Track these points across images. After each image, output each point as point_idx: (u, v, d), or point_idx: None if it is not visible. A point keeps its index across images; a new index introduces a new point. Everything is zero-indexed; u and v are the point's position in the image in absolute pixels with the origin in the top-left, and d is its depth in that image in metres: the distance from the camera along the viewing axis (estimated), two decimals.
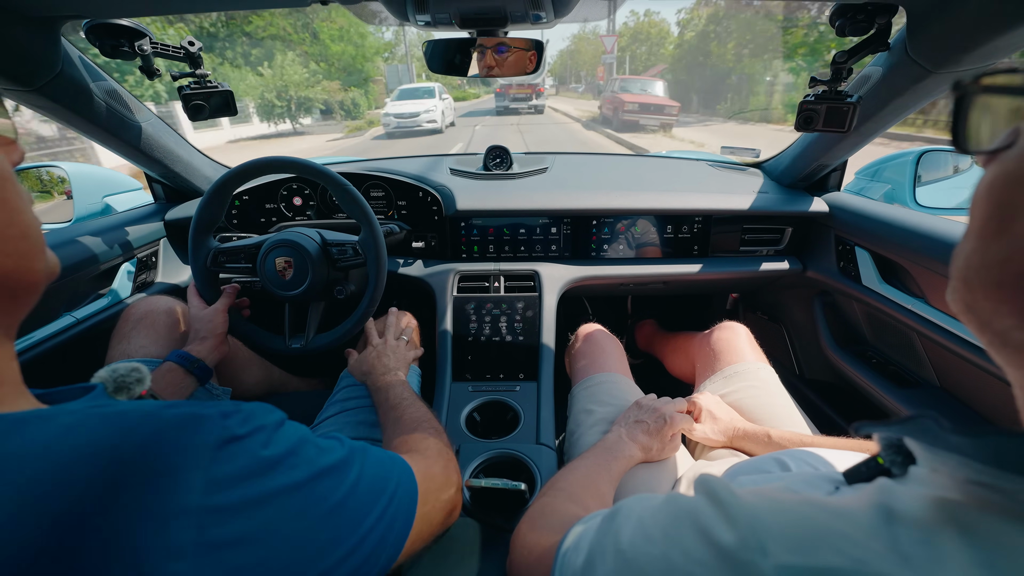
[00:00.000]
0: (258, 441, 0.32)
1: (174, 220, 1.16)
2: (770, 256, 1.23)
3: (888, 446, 0.30)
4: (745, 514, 0.25)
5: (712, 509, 0.27)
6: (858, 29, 0.74)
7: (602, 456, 0.68)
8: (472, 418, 0.89)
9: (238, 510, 0.29)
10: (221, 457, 0.29)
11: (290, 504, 0.32)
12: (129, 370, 0.50)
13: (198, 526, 0.27)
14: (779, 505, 0.25)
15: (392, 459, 0.47)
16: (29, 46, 0.72)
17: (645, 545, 0.29)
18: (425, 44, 0.83)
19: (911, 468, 0.29)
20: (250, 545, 0.29)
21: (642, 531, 0.30)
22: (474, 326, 1.05)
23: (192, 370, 0.80)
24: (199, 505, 0.27)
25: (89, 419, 0.28)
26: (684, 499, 0.30)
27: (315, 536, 0.33)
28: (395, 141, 11.91)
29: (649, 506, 0.32)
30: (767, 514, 0.25)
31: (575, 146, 9.58)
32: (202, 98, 0.87)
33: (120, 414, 0.29)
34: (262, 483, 0.31)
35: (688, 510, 0.29)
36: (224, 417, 0.31)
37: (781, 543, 0.23)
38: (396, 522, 0.42)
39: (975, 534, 0.20)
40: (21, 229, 0.31)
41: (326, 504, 0.35)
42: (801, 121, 0.85)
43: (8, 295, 0.31)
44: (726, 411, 0.81)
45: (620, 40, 47.33)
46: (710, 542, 0.25)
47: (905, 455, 0.29)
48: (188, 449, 0.29)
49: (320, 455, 0.36)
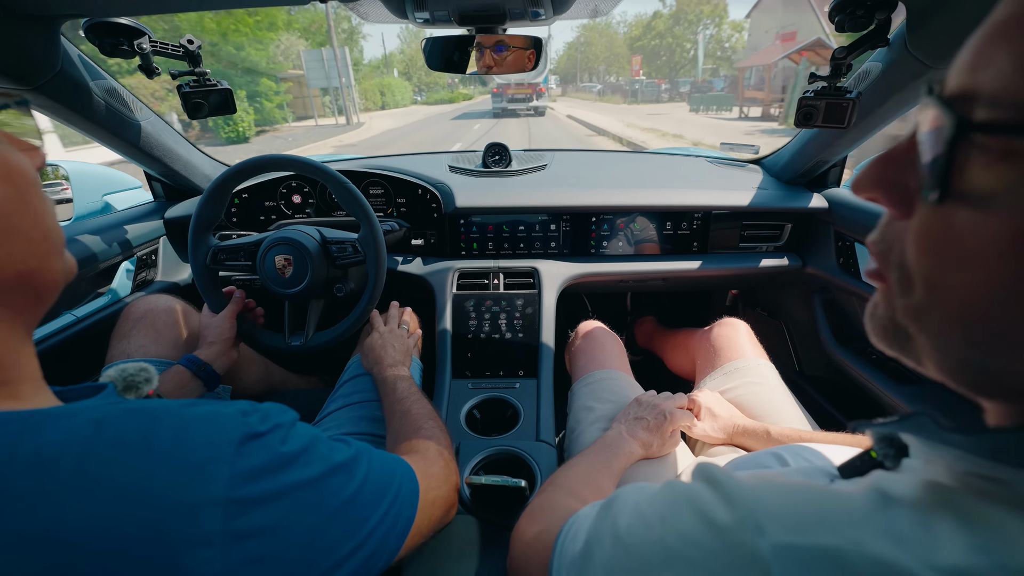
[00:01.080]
0: (277, 438, 0.34)
1: (174, 218, 1.17)
2: (770, 252, 1.23)
3: (881, 439, 0.30)
4: (743, 495, 0.25)
5: (710, 492, 0.27)
6: (857, 25, 0.74)
7: (603, 453, 0.68)
8: (472, 415, 0.90)
9: (260, 502, 0.31)
10: (244, 452, 0.31)
11: (306, 498, 0.34)
12: (138, 370, 0.51)
13: (224, 516, 0.29)
14: (777, 487, 0.25)
15: (395, 460, 0.49)
16: (28, 45, 0.72)
17: (643, 530, 0.29)
18: (424, 42, 0.83)
19: (904, 460, 0.29)
20: (270, 536, 0.31)
21: (639, 516, 0.30)
22: (474, 323, 1.05)
23: (199, 374, 0.80)
24: (225, 496, 0.29)
25: (116, 415, 0.29)
26: (682, 484, 0.30)
27: (328, 529, 0.35)
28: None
29: (646, 493, 0.32)
30: (764, 495, 0.25)
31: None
32: (201, 96, 0.87)
33: (145, 410, 0.30)
34: (281, 477, 0.33)
35: (686, 494, 0.28)
36: (244, 415, 0.33)
37: (778, 523, 0.23)
38: (399, 519, 0.44)
39: (971, 519, 0.20)
40: (44, 231, 0.33)
41: (338, 499, 0.37)
42: (801, 117, 0.85)
43: (32, 294, 0.33)
44: (726, 408, 0.81)
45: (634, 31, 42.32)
46: (707, 522, 0.25)
47: (898, 448, 0.29)
48: (213, 444, 0.30)
49: (332, 452, 0.38)
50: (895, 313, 0.25)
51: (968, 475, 0.23)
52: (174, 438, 0.29)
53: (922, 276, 0.22)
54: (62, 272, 0.35)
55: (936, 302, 0.22)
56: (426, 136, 12.28)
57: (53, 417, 0.28)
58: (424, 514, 0.49)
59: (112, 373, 0.50)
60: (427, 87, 52.71)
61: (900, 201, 0.24)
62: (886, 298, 0.26)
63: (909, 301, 0.23)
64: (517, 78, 14.31)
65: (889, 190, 0.24)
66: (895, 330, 0.25)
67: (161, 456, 0.28)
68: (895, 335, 0.26)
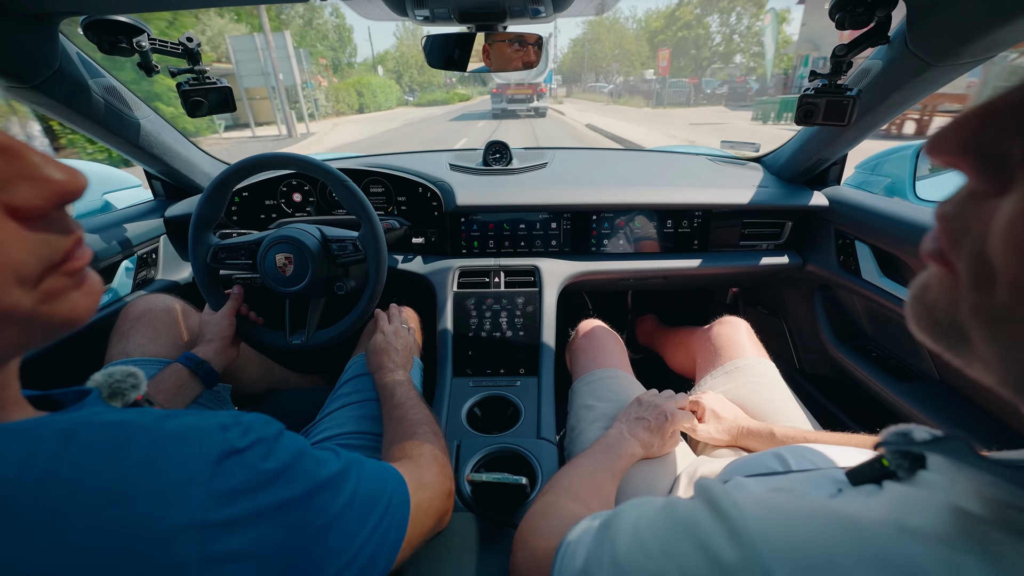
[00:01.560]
0: (258, 453, 0.32)
1: (174, 217, 1.16)
2: (770, 250, 1.23)
3: (895, 451, 0.28)
4: (748, 529, 0.24)
5: (713, 521, 0.26)
6: (858, 22, 0.74)
7: (604, 454, 0.68)
8: (473, 413, 0.90)
9: (239, 524, 0.29)
10: (221, 471, 0.29)
11: (290, 518, 0.32)
12: (125, 375, 0.49)
13: (200, 541, 0.27)
14: (784, 518, 0.24)
15: (386, 469, 0.47)
16: (27, 43, 0.72)
17: (642, 559, 0.27)
18: (424, 39, 0.83)
19: (921, 473, 0.27)
20: (250, 560, 0.29)
21: (638, 543, 0.29)
22: (474, 321, 1.05)
23: (197, 372, 0.80)
24: (200, 520, 0.27)
25: (86, 430, 0.27)
26: (682, 506, 0.29)
27: (314, 549, 0.33)
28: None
29: (646, 513, 0.31)
30: (772, 530, 0.23)
31: None
32: (201, 94, 0.87)
33: (118, 424, 0.28)
34: (262, 497, 0.31)
35: (687, 520, 0.27)
36: (224, 430, 0.31)
37: (786, 565, 0.21)
38: (390, 533, 0.42)
39: (1002, 560, 0.18)
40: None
41: (324, 517, 0.35)
42: (801, 115, 0.85)
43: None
44: (730, 409, 0.81)
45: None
46: (710, 559, 0.24)
47: (912, 460, 0.28)
48: (189, 463, 0.28)
49: (318, 467, 0.36)
50: (958, 308, 0.20)
51: (1001, 504, 0.20)
52: (147, 458, 0.27)
53: (1010, 275, 0.18)
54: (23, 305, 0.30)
55: (1018, 308, 0.18)
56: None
57: (17, 432, 0.26)
58: (416, 525, 0.47)
59: (98, 378, 0.48)
60: (421, 87, 50.87)
61: (994, 173, 0.19)
62: (948, 288, 0.21)
63: (983, 301, 0.19)
64: (518, 77, 14.24)
65: (982, 158, 0.19)
66: (951, 328, 0.21)
67: (132, 479, 0.26)
68: (949, 332, 0.21)
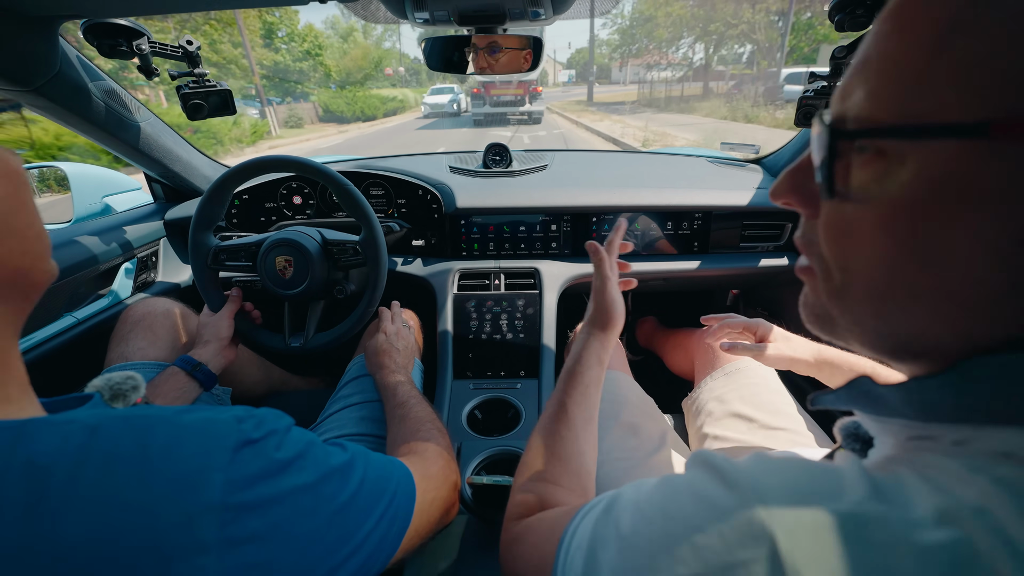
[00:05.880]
0: (271, 444, 0.34)
1: (174, 219, 1.16)
2: (770, 252, 1.23)
3: (848, 435, 0.34)
4: (743, 477, 0.26)
5: (708, 477, 0.27)
6: (857, 24, 0.74)
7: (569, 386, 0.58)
8: (473, 416, 0.89)
9: (255, 508, 0.31)
10: (238, 459, 0.31)
11: (302, 503, 0.34)
12: (124, 378, 0.50)
13: (220, 523, 0.29)
14: (773, 464, 0.26)
15: (391, 462, 0.49)
16: (27, 46, 0.72)
17: (646, 527, 0.29)
18: (424, 42, 0.83)
19: (870, 452, 0.32)
20: (266, 542, 0.31)
21: (640, 515, 0.30)
22: (475, 324, 1.05)
23: (195, 374, 0.80)
24: (220, 503, 0.29)
25: (110, 423, 0.29)
26: (679, 476, 0.31)
27: (324, 534, 0.35)
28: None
29: (644, 491, 0.32)
30: (763, 474, 0.25)
31: None
32: (201, 97, 0.87)
33: (140, 418, 0.30)
34: (276, 483, 0.33)
35: (685, 483, 0.29)
36: (239, 422, 0.33)
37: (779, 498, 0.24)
38: (396, 521, 0.44)
39: (923, 468, 0.23)
40: (37, 231, 0.34)
41: (334, 503, 0.37)
42: (801, 116, 0.85)
43: (21, 294, 0.33)
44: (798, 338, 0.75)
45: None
46: (708, 506, 0.26)
47: (863, 442, 0.33)
48: (208, 451, 0.30)
49: (327, 457, 0.38)
50: (820, 298, 0.29)
51: (911, 440, 0.26)
52: (169, 446, 0.29)
53: (835, 262, 0.27)
54: (49, 274, 0.36)
55: (849, 283, 0.26)
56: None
57: (47, 425, 0.28)
58: (422, 515, 0.49)
59: (98, 383, 0.50)
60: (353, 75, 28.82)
61: (808, 202, 0.29)
62: (813, 287, 0.30)
63: (830, 286, 0.28)
64: (503, 77, 14.25)
65: (799, 194, 0.29)
66: (823, 314, 0.30)
67: (156, 465, 0.28)
68: (823, 319, 0.30)
